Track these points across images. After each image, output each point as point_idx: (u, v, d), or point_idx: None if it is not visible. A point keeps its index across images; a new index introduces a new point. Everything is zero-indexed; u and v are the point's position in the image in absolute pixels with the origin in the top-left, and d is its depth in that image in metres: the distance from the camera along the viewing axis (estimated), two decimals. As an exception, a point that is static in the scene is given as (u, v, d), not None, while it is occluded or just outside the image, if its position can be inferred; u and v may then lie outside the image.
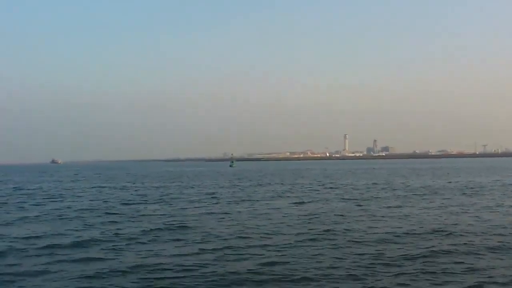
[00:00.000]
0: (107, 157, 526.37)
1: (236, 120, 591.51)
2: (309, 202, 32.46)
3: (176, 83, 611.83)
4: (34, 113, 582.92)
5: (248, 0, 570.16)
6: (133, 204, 32.91)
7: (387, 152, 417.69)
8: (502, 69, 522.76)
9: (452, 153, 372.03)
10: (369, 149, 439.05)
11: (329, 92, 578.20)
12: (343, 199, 34.58)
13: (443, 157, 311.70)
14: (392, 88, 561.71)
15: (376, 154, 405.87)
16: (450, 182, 53.44)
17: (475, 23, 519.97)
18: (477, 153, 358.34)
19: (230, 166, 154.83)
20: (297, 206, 29.93)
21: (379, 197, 35.11)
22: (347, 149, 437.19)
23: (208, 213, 26.62)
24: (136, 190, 48.02)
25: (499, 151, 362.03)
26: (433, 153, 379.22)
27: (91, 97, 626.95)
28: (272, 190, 44.49)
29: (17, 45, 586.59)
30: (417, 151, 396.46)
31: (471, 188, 43.56)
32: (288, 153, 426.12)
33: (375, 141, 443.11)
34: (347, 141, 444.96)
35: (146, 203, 33.54)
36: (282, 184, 55.53)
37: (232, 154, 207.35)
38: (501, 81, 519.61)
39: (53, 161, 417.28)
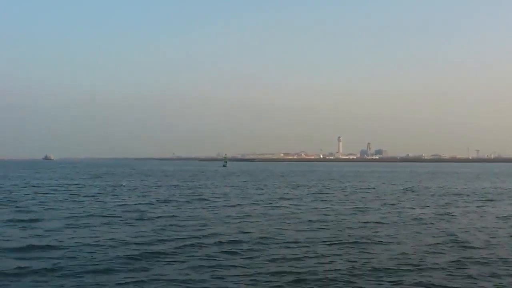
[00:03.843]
0: (100, 154, 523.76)
1: (229, 120, 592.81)
2: None
3: (170, 82, 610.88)
4: (26, 108, 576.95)
5: (244, 1, 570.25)
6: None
7: (380, 155, 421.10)
8: (497, 75, 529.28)
9: (445, 157, 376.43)
10: (362, 152, 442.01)
11: (323, 94, 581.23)
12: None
13: (436, 161, 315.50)
14: (387, 91, 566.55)
15: (370, 157, 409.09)
16: None
17: (472, 28, 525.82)
18: (470, 158, 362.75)
19: (224, 166, 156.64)
20: None
21: None
22: (341, 151, 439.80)
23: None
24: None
25: (492, 156, 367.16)
26: (426, 157, 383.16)
27: (84, 95, 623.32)
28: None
29: (10, 41, 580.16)
30: (410, 155, 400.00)
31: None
32: (282, 154, 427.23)
33: (368, 143, 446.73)
34: (341, 143, 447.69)
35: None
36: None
37: (225, 154, 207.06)
38: (496, 87, 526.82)
39: (46, 157, 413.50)
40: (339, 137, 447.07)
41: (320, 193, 43.63)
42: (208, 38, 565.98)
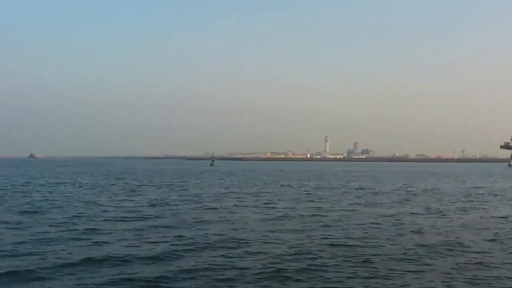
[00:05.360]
0: (86, 153, 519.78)
1: (217, 119, 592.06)
2: None
3: (158, 82, 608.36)
4: (10, 106, 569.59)
5: (244, 1, 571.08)
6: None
7: (367, 155, 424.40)
8: (482, 77, 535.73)
9: (431, 157, 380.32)
10: (349, 151, 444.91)
11: (310, 94, 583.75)
12: None
13: (423, 161, 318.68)
14: (373, 92, 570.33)
15: (356, 157, 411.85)
16: None
17: (472, 28, 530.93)
18: (456, 158, 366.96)
19: (211, 165, 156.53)
20: None
21: None
22: (328, 151, 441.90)
23: None
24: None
25: (477, 156, 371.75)
26: (412, 157, 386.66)
27: (76, 94, 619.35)
28: None
29: (9, 41, 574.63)
30: (397, 155, 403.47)
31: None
32: (269, 153, 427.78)
33: (355, 143, 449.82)
34: (328, 143, 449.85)
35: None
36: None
37: (213, 153, 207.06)
38: (481, 89, 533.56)
39: (31, 155, 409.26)
40: (326, 136, 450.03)
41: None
42: (197, 39, 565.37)
